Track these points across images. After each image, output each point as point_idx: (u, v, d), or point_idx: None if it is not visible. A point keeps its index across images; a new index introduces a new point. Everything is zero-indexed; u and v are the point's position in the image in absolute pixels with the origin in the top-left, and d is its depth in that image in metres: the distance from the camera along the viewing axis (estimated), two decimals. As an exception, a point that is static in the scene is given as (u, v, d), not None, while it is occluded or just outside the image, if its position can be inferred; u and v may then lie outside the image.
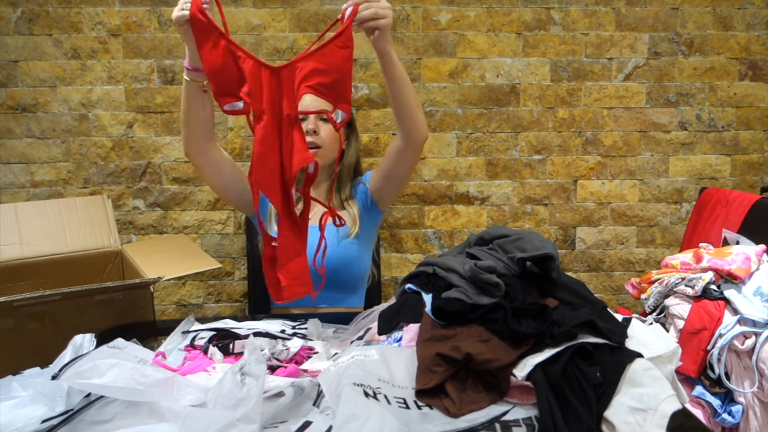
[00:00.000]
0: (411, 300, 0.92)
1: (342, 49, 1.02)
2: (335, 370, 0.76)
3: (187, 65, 1.16)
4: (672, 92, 2.14)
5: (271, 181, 1.03)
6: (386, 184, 1.47)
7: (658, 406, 0.68)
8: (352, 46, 1.03)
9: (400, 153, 1.39)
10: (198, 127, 1.27)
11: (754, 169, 2.19)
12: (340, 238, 1.45)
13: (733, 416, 1.20)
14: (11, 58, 1.99)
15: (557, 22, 2.08)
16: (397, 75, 1.24)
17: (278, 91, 1.01)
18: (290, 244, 1.06)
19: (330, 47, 1.02)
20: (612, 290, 2.23)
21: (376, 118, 2.09)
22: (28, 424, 0.73)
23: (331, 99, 1.05)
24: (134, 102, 2.04)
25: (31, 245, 1.56)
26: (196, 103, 1.22)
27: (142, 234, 2.11)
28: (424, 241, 2.16)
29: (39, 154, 2.04)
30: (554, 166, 2.15)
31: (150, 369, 0.76)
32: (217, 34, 0.99)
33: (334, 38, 1.02)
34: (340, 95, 1.05)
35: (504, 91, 2.11)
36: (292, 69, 1.01)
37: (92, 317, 1.30)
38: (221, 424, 0.65)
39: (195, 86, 1.19)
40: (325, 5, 2.03)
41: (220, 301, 2.15)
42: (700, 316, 1.25)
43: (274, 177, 1.03)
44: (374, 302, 1.59)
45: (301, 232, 1.08)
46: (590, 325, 0.78)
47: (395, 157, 1.41)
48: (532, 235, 0.95)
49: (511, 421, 0.71)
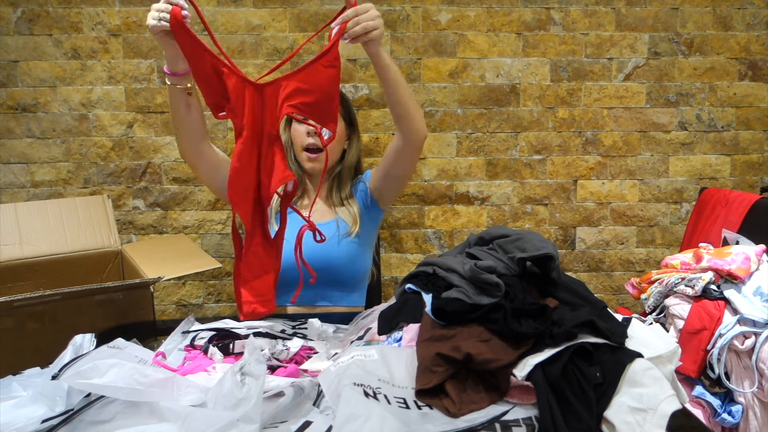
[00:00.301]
0: (411, 300, 0.92)
1: (328, 69, 1.01)
2: (335, 370, 0.76)
3: (167, 70, 1.14)
4: (672, 92, 2.14)
5: (245, 197, 1.02)
6: (386, 182, 1.47)
7: (658, 406, 0.68)
8: (339, 65, 1.02)
9: (399, 152, 1.39)
10: (189, 129, 1.26)
11: (754, 169, 2.19)
12: (341, 236, 1.45)
13: (733, 416, 1.20)
14: (11, 58, 1.99)
15: (557, 22, 2.08)
16: (390, 75, 1.24)
17: (260, 109, 1.01)
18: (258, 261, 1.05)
19: (315, 66, 1.01)
20: (612, 290, 2.23)
21: (376, 118, 2.09)
22: (28, 424, 0.73)
23: (314, 118, 1.04)
24: (134, 102, 2.04)
25: (31, 245, 1.56)
26: (182, 106, 1.21)
27: (142, 234, 2.11)
28: (424, 241, 2.16)
29: (39, 154, 2.04)
30: (554, 166, 2.15)
31: (150, 369, 0.77)
32: (201, 48, 0.98)
33: (320, 57, 1.01)
34: (326, 115, 1.04)
35: (504, 91, 2.11)
36: (276, 87, 1.01)
37: (92, 317, 1.30)
38: (221, 424, 0.65)
39: (178, 90, 1.17)
40: (325, 5, 2.03)
41: (220, 301, 2.16)
42: (700, 316, 1.25)
43: (248, 193, 1.03)
44: (374, 302, 1.59)
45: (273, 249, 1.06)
46: (590, 325, 0.78)
47: (394, 156, 1.41)
48: (532, 235, 0.96)
49: (511, 421, 0.71)
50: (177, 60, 1.11)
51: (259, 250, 1.05)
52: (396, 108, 1.31)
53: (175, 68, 1.13)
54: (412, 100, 1.31)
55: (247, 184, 1.02)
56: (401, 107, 1.30)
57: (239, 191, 1.02)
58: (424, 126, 1.36)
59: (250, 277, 1.05)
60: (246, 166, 1.01)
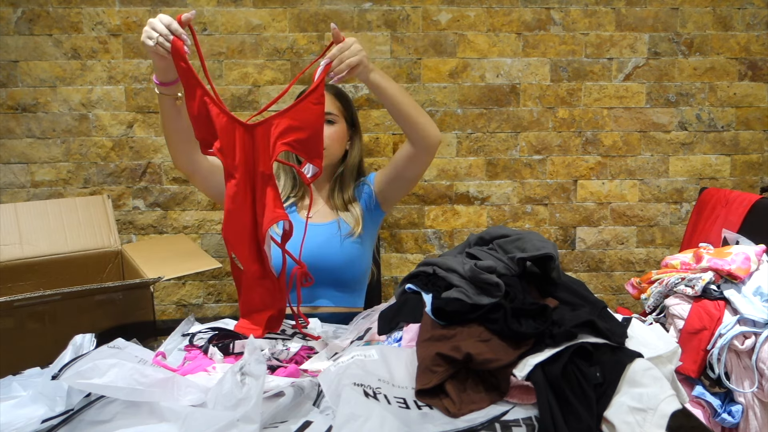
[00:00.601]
0: (411, 300, 0.92)
1: (315, 106, 1.03)
2: (335, 370, 0.76)
3: (156, 80, 1.13)
4: (672, 92, 2.14)
5: (241, 238, 1.03)
6: (394, 185, 1.48)
7: (657, 406, 0.68)
8: (324, 102, 1.05)
9: (411, 158, 1.40)
10: (179, 138, 1.25)
11: (754, 169, 2.19)
12: (343, 237, 1.45)
13: (732, 416, 1.20)
14: (11, 58, 1.99)
15: (557, 22, 2.08)
16: (389, 94, 1.27)
17: (251, 149, 1.01)
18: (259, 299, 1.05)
19: (305, 104, 1.02)
20: (612, 290, 2.23)
21: (376, 118, 2.09)
22: (28, 424, 0.73)
23: (304, 155, 1.05)
24: (134, 102, 2.04)
25: (31, 245, 1.56)
26: (171, 114, 1.20)
27: (142, 234, 2.11)
28: (424, 241, 2.16)
29: (39, 154, 2.04)
30: (554, 166, 2.15)
31: (150, 369, 0.76)
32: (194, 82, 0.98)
33: (308, 94, 1.02)
34: (314, 151, 1.05)
35: (504, 91, 2.11)
36: (267, 126, 1.01)
37: (92, 317, 1.30)
38: (221, 424, 0.65)
39: (168, 99, 1.16)
40: (325, 5, 2.03)
41: (220, 301, 2.16)
42: (699, 316, 1.25)
43: (243, 234, 1.03)
44: (374, 302, 1.59)
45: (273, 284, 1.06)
46: (590, 325, 0.78)
47: (406, 161, 1.42)
48: (532, 235, 0.95)
49: (511, 421, 0.71)
50: (167, 71, 1.10)
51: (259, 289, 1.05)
52: (402, 122, 1.33)
53: (165, 78, 1.12)
54: (416, 110, 1.33)
55: (243, 225, 1.02)
56: (407, 120, 1.32)
57: (235, 232, 1.02)
58: (435, 130, 1.37)
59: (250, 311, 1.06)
60: (240, 207, 1.01)
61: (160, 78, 1.12)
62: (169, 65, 1.06)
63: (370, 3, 2.03)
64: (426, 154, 1.39)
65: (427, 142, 1.36)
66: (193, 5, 2.00)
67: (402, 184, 1.49)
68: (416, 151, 1.38)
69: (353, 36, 1.20)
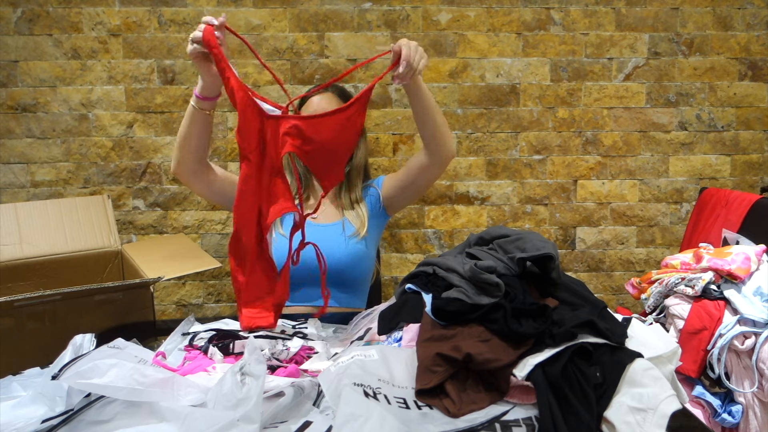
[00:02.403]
0: (411, 300, 0.92)
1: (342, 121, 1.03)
2: (335, 370, 0.76)
3: (198, 94, 1.15)
4: (672, 92, 2.14)
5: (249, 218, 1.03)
6: (402, 193, 1.50)
7: (658, 406, 0.68)
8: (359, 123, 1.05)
9: (424, 169, 1.42)
10: (193, 152, 1.25)
11: (754, 169, 2.19)
12: (348, 238, 1.45)
13: (733, 416, 1.20)
14: (11, 58, 1.99)
15: (557, 22, 2.08)
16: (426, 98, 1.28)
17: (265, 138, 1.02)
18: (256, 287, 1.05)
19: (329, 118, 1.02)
20: (612, 290, 2.23)
21: (376, 118, 2.09)
22: (28, 424, 0.73)
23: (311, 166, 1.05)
24: (134, 102, 2.04)
25: (31, 245, 1.56)
26: (197, 128, 1.20)
27: (142, 234, 2.11)
28: (424, 241, 2.16)
29: (39, 154, 2.04)
30: (554, 166, 2.15)
31: (150, 369, 0.76)
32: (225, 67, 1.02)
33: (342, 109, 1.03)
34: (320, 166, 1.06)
35: (504, 91, 2.11)
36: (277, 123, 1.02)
37: (92, 317, 1.30)
38: (221, 424, 0.65)
39: (200, 113, 1.18)
40: (325, 5, 2.03)
41: (220, 301, 2.15)
42: (700, 316, 1.25)
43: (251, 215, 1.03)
44: (374, 302, 1.59)
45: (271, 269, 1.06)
46: (590, 325, 0.78)
47: (418, 171, 1.44)
48: (532, 235, 0.95)
49: (511, 421, 0.71)
50: (213, 87, 1.13)
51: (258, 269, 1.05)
52: (429, 130, 1.34)
53: (208, 93, 1.14)
54: (444, 122, 1.35)
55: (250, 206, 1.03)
56: (435, 129, 1.33)
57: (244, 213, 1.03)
58: (453, 145, 1.40)
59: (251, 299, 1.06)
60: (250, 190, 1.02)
61: (202, 92, 1.15)
62: (215, 82, 1.10)
63: (370, 3, 2.03)
64: (439, 166, 1.41)
65: (443, 155, 1.38)
66: (193, 5, 2.00)
67: (411, 193, 1.51)
68: (430, 162, 1.40)
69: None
